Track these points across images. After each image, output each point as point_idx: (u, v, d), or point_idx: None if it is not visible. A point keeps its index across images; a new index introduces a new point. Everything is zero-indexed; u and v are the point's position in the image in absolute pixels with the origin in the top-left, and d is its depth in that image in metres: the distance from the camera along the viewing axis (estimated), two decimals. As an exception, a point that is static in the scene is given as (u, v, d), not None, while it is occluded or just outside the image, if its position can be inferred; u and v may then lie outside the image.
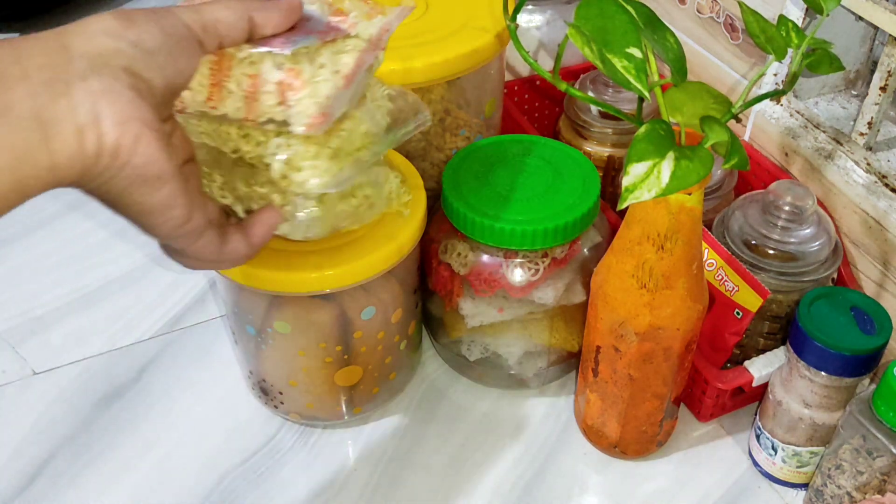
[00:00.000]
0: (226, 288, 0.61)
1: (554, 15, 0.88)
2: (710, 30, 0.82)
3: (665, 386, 0.60)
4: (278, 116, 0.48)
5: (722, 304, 0.64)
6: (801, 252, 0.64)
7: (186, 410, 0.68)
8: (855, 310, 0.57)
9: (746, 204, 0.67)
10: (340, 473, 0.64)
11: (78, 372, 0.71)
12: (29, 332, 0.74)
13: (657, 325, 0.55)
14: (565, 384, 0.71)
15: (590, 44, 0.47)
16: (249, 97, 0.47)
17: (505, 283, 0.63)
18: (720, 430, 0.68)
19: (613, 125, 0.77)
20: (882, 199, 0.66)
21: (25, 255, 0.81)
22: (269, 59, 0.47)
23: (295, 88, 0.47)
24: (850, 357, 0.56)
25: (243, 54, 0.47)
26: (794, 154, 0.74)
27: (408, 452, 0.66)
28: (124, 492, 0.63)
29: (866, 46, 0.75)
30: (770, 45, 0.52)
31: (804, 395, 0.59)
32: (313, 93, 0.48)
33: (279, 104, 0.47)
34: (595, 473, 0.65)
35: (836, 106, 0.76)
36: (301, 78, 0.47)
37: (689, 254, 0.53)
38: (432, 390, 0.70)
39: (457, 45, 0.67)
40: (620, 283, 0.55)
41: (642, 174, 0.45)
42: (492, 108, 0.76)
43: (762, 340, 0.67)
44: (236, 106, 0.47)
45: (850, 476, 0.56)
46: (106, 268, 0.80)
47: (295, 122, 0.47)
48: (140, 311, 0.76)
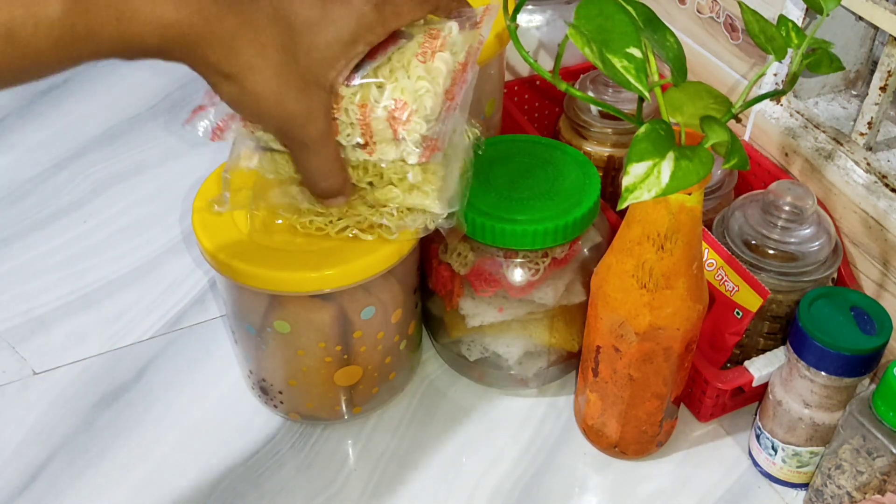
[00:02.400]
0: (226, 288, 0.61)
1: (554, 15, 0.88)
2: (710, 30, 0.82)
3: (665, 386, 0.60)
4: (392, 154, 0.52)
5: (722, 304, 0.64)
6: (802, 252, 0.64)
7: (186, 410, 0.68)
8: (855, 310, 0.57)
9: (746, 204, 0.67)
10: (340, 473, 0.64)
11: (78, 372, 0.71)
12: (29, 332, 0.74)
13: (657, 325, 0.55)
14: (565, 384, 0.71)
15: (590, 44, 0.47)
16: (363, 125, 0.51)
17: (505, 283, 0.63)
18: (720, 431, 0.68)
19: (613, 125, 0.77)
20: (882, 199, 0.66)
21: (25, 255, 0.81)
22: (372, 86, 0.50)
23: (400, 119, 0.51)
24: (850, 357, 0.56)
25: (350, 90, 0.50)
26: (794, 154, 0.74)
27: (408, 452, 0.66)
28: (124, 492, 0.63)
29: (866, 46, 0.75)
30: (770, 45, 0.52)
31: (804, 395, 0.59)
32: (420, 112, 0.51)
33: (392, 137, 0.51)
34: (595, 473, 0.65)
35: (836, 106, 0.76)
36: (407, 108, 0.50)
37: (689, 254, 0.53)
38: (432, 390, 0.70)
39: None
40: (620, 283, 0.55)
41: (642, 174, 0.45)
42: (492, 108, 0.76)
43: (762, 340, 0.67)
44: (347, 133, 0.51)
45: (850, 476, 0.56)
46: (106, 268, 0.80)
47: (407, 154, 0.52)
48: (140, 311, 0.76)
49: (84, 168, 0.90)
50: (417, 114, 0.51)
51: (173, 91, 1.01)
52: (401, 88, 0.50)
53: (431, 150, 0.52)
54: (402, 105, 0.50)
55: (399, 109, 0.50)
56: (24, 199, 0.87)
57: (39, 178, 0.89)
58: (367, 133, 0.51)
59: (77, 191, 0.88)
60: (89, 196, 0.87)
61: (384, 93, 0.50)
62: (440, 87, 0.51)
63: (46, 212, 0.85)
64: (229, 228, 0.59)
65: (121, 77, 1.02)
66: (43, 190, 0.88)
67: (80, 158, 0.92)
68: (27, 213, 0.85)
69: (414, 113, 0.50)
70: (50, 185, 0.88)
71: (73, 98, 1.00)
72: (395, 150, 0.52)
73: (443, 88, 0.52)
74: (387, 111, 0.50)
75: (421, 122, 0.51)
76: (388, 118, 0.51)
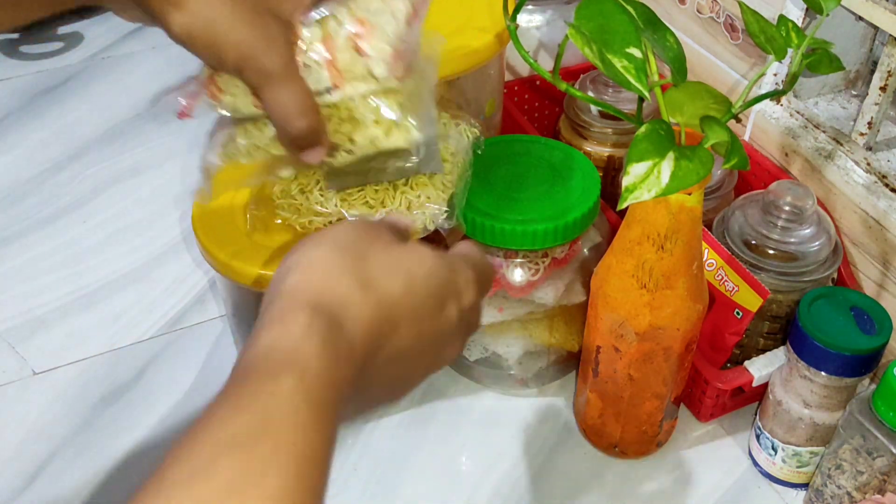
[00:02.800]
0: (226, 288, 0.61)
1: (554, 15, 0.88)
2: (710, 30, 0.82)
3: (665, 386, 0.60)
4: (359, 69, 0.49)
5: (722, 304, 0.64)
6: (801, 252, 0.64)
7: (186, 410, 0.68)
8: (855, 310, 0.57)
9: (746, 204, 0.67)
10: (340, 473, 0.64)
11: (78, 372, 0.71)
12: (29, 332, 0.74)
13: (657, 325, 0.55)
14: (565, 384, 0.71)
15: (590, 44, 0.47)
16: (329, 64, 0.49)
17: (505, 282, 0.63)
18: (720, 431, 0.68)
19: (613, 125, 0.77)
20: (882, 199, 0.66)
21: (25, 255, 0.81)
22: (331, 20, 0.49)
23: (365, 36, 0.49)
24: (849, 357, 0.56)
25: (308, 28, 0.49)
26: (794, 154, 0.74)
27: (407, 452, 0.66)
28: (124, 492, 0.63)
29: (866, 46, 0.75)
30: (770, 45, 0.52)
31: (804, 395, 0.59)
32: (381, 34, 0.49)
33: (356, 56, 0.49)
34: (595, 473, 0.65)
35: (836, 106, 0.76)
36: (367, 25, 0.49)
37: (689, 254, 0.53)
38: (432, 390, 0.70)
39: (457, 45, 0.67)
40: (620, 283, 0.55)
41: (642, 174, 0.45)
42: (492, 108, 0.76)
43: (762, 340, 0.67)
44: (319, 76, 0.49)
45: (850, 476, 0.56)
46: (106, 268, 0.80)
47: (375, 66, 0.49)
48: (140, 311, 0.76)
49: (84, 168, 0.90)
50: (380, 38, 0.50)
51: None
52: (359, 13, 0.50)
53: (398, 59, 0.50)
54: (364, 26, 0.49)
55: (362, 31, 0.49)
56: (24, 199, 0.87)
57: (39, 178, 0.89)
58: (334, 70, 0.50)
59: (77, 191, 0.88)
60: (89, 196, 0.87)
61: (343, 21, 0.49)
62: (401, 14, 0.51)
63: (46, 212, 0.85)
64: (229, 228, 0.59)
65: (121, 77, 1.02)
66: (43, 190, 0.88)
67: (80, 158, 0.92)
68: (27, 213, 0.85)
69: (376, 32, 0.50)
70: (50, 185, 0.88)
71: (73, 98, 1.00)
72: (365, 84, 0.51)
73: (404, 15, 0.51)
74: (350, 41, 0.49)
75: (385, 46, 0.50)
76: (352, 47, 0.49)
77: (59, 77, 1.02)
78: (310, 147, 0.51)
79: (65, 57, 1.05)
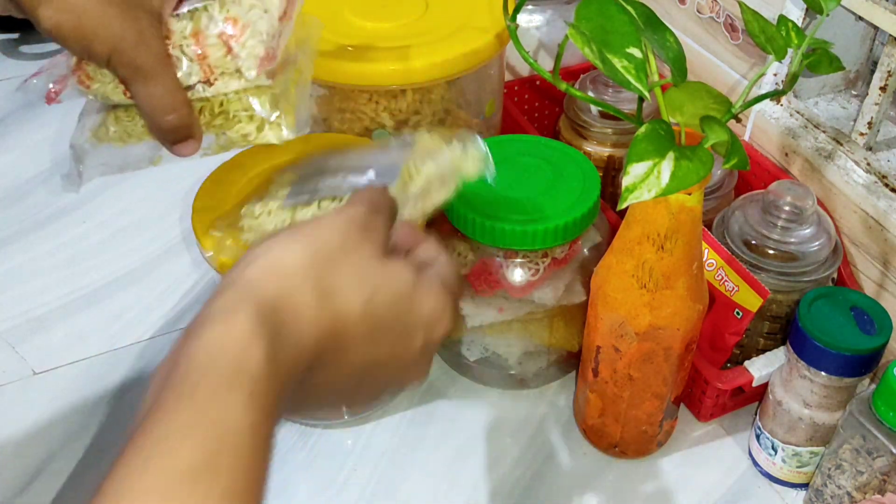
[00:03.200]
0: (226, 288, 0.61)
1: (554, 15, 0.88)
2: (710, 30, 0.82)
3: (665, 386, 0.60)
4: (230, 67, 0.49)
5: (722, 304, 0.64)
6: (801, 252, 0.64)
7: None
8: (855, 310, 0.57)
9: (746, 204, 0.67)
10: (340, 473, 0.64)
11: (78, 372, 0.71)
12: (29, 331, 0.74)
13: (657, 325, 0.55)
14: (565, 384, 0.71)
15: (590, 44, 0.47)
16: (200, 59, 0.49)
17: (505, 283, 0.63)
18: (720, 431, 0.68)
19: (613, 125, 0.77)
20: (882, 199, 0.66)
21: (25, 255, 0.81)
22: (203, 15, 0.48)
23: (236, 36, 0.48)
24: (850, 357, 0.56)
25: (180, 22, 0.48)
26: (794, 154, 0.73)
27: (407, 453, 0.66)
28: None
29: (866, 46, 0.75)
30: (770, 44, 0.52)
31: (804, 395, 0.59)
32: (253, 32, 0.48)
33: (227, 55, 0.49)
34: (595, 474, 0.65)
35: (836, 106, 0.76)
36: (239, 24, 0.48)
37: (689, 254, 0.53)
38: (432, 391, 0.70)
39: (457, 45, 0.67)
40: (620, 283, 0.55)
41: (642, 174, 0.45)
42: (492, 108, 0.76)
43: (762, 340, 0.67)
44: (190, 70, 0.49)
45: (851, 476, 0.56)
46: (106, 268, 0.80)
47: (245, 68, 0.49)
48: (140, 311, 0.76)
49: (84, 168, 0.90)
50: (252, 37, 0.49)
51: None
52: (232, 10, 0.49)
53: (268, 59, 0.50)
54: (236, 25, 0.49)
55: (234, 31, 0.49)
56: (24, 198, 0.86)
57: (39, 178, 0.89)
58: (205, 65, 0.49)
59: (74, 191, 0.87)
60: (89, 196, 0.87)
61: (214, 18, 0.49)
62: (275, 9, 0.50)
63: (46, 212, 0.85)
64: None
65: (121, 77, 1.02)
66: (43, 190, 0.88)
67: (79, 158, 0.92)
68: (27, 213, 0.85)
69: (248, 31, 0.49)
70: (50, 185, 0.88)
71: (73, 98, 0.99)
72: (237, 80, 0.50)
73: (278, 13, 0.50)
74: (221, 38, 0.49)
75: (257, 44, 0.49)
76: (223, 44, 0.49)
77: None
78: (182, 141, 0.50)
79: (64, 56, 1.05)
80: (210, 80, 0.49)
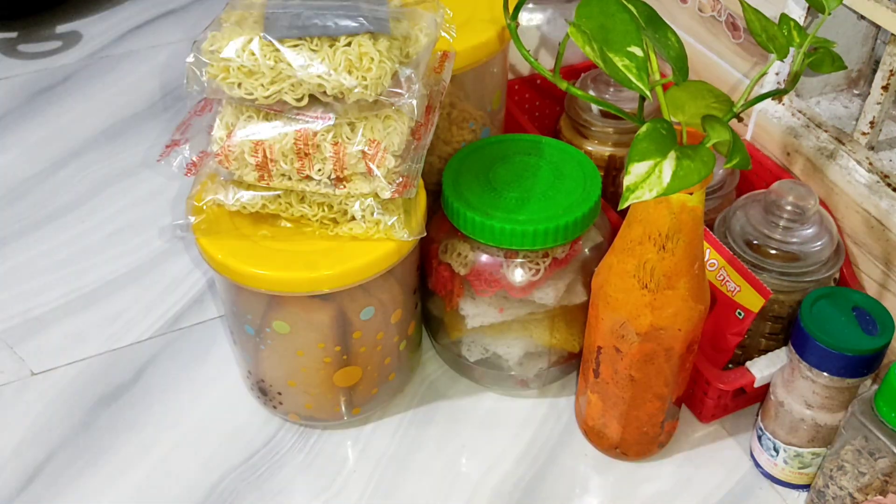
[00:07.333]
0: (224, 288, 0.61)
1: (555, 13, 0.87)
2: (712, 28, 0.81)
3: (666, 387, 0.59)
4: (366, 189, 0.55)
5: (723, 304, 0.64)
6: (803, 252, 0.64)
7: (185, 411, 0.68)
8: (857, 310, 0.57)
9: (748, 204, 0.66)
10: (340, 474, 0.64)
11: (76, 372, 0.71)
12: (27, 332, 0.74)
13: (658, 325, 0.55)
14: (566, 385, 0.71)
15: (591, 42, 0.47)
16: (336, 162, 0.54)
17: (505, 283, 0.63)
18: (722, 431, 0.67)
19: (614, 124, 0.77)
20: (884, 199, 0.66)
21: (24, 255, 0.81)
22: (344, 127, 0.53)
23: (373, 156, 0.54)
24: (852, 357, 0.55)
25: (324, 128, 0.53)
26: (795, 153, 0.73)
27: (407, 453, 0.65)
28: (123, 492, 0.63)
29: (868, 45, 0.75)
30: (772, 43, 0.52)
31: (806, 396, 0.59)
32: (388, 144, 0.54)
33: (365, 168, 0.54)
34: (596, 475, 0.64)
35: (838, 105, 0.76)
36: (377, 145, 0.54)
37: (690, 254, 0.53)
38: (432, 391, 0.70)
39: (463, 38, 0.67)
40: (622, 283, 0.55)
41: (644, 174, 0.45)
42: (497, 101, 0.75)
43: (764, 341, 0.67)
44: (318, 168, 0.54)
45: (852, 477, 0.56)
46: (104, 268, 0.80)
47: (381, 190, 0.55)
48: (138, 311, 0.76)
49: (83, 167, 0.90)
50: (387, 150, 0.54)
51: (173, 90, 1.00)
52: (371, 127, 0.54)
53: (404, 186, 0.55)
54: (374, 144, 0.53)
55: (372, 149, 0.54)
56: (22, 198, 0.86)
57: (38, 178, 0.89)
58: (340, 167, 0.54)
59: (76, 190, 0.87)
60: (88, 195, 0.87)
61: (357, 132, 0.53)
62: (405, 126, 0.55)
63: (45, 211, 0.85)
64: (228, 229, 0.59)
65: (120, 76, 1.02)
66: (41, 189, 0.87)
67: (78, 157, 0.91)
68: (26, 213, 0.85)
69: (384, 150, 0.54)
70: (49, 185, 0.88)
71: (73, 97, 0.99)
72: (369, 185, 0.55)
73: (408, 126, 0.55)
74: (360, 153, 0.54)
75: (390, 157, 0.54)
76: (361, 155, 0.54)
77: (58, 76, 1.02)
78: None
79: (63, 56, 1.05)
80: (342, 180, 0.55)
